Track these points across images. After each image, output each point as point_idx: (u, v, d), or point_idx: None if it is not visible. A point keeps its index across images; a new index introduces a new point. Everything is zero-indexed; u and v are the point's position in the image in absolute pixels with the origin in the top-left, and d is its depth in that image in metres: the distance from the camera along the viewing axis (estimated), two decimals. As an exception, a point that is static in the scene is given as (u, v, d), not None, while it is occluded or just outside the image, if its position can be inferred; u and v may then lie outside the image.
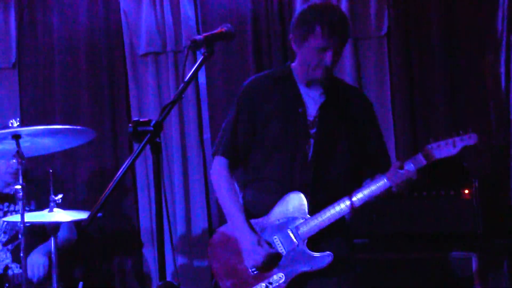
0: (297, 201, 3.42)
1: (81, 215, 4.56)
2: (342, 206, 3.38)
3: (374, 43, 5.63)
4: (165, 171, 5.89)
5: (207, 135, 5.91)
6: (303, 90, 3.54)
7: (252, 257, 3.44)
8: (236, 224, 3.53)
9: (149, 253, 5.97)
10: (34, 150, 4.36)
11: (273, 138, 3.51)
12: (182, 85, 2.80)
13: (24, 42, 6.20)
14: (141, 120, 2.64)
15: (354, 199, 3.37)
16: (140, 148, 2.57)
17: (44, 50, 6.17)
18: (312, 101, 3.52)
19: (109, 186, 2.49)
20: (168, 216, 2.66)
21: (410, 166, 3.34)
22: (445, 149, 3.33)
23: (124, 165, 2.54)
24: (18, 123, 4.12)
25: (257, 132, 3.55)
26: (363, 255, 4.71)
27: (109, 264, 6.04)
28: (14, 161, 4.83)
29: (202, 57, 2.91)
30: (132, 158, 2.55)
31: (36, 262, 4.90)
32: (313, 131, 3.48)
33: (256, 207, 3.56)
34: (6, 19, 6.18)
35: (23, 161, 4.01)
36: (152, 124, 2.61)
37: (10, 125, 4.10)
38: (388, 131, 5.41)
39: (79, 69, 6.11)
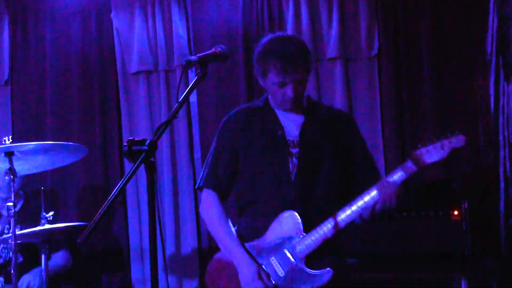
0: (291, 220, 3.41)
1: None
2: (331, 224, 3.34)
3: (365, 64, 5.66)
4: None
5: (197, 154, 5.91)
6: (280, 114, 3.56)
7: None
8: (233, 253, 3.51)
9: (138, 271, 5.93)
10: (26, 168, 4.37)
11: (255, 163, 3.54)
12: (176, 105, 2.82)
13: (16, 60, 6.20)
14: (136, 139, 2.64)
15: (339, 218, 3.32)
16: (135, 167, 2.58)
17: (37, 67, 6.18)
18: (291, 122, 3.54)
19: (105, 204, 2.49)
20: (161, 235, 2.66)
21: (400, 175, 3.28)
22: (435, 153, 3.21)
23: (119, 184, 2.54)
24: (10, 141, 4.11)
25: (240, 161, 3.59)
26: (352, 275, 4.73)
27: (97, 282, 6.01)
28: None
29: (196, 77, 2.92)
30: (127, 177, 2.55)
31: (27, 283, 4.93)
32: (295, 150, 3.49)
33: (251, 231, 3.54)
34: (-1, 36, 6.20)
35: (15, 179, 4.01)
36: (146, 144, 2.61)
37: (3, 142, 4.09)
38: (378, 151, 5.44)
39: (71, 86, 6.11)
